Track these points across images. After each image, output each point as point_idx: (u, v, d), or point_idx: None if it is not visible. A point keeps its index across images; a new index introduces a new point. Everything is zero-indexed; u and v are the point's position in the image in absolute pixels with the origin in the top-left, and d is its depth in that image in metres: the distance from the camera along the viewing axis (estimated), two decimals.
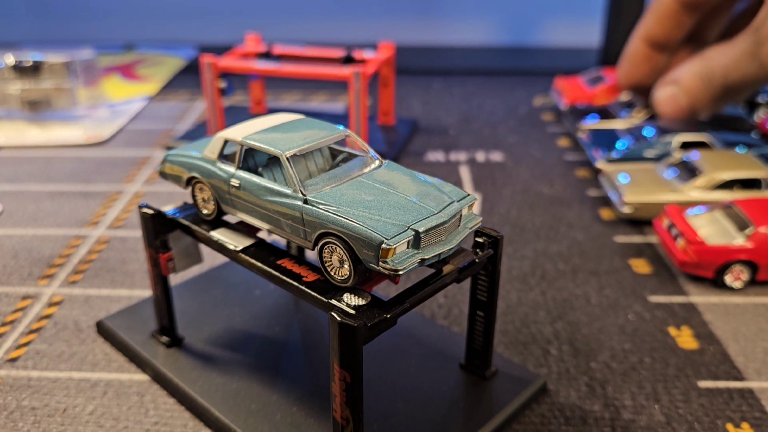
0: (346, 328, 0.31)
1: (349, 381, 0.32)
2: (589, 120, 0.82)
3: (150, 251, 0.42)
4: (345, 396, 0.33)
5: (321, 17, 1.31)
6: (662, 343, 0.48)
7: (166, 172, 0.42)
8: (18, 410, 0.41)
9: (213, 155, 0.39)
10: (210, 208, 0.40)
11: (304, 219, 0.34)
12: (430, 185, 0.36)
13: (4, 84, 0.87)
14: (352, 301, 0.33)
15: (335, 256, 0.34)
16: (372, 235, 0.32)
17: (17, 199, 0.69)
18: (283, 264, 0.36)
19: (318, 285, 0.35)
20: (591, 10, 1.21)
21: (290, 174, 0.35)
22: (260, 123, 0.40)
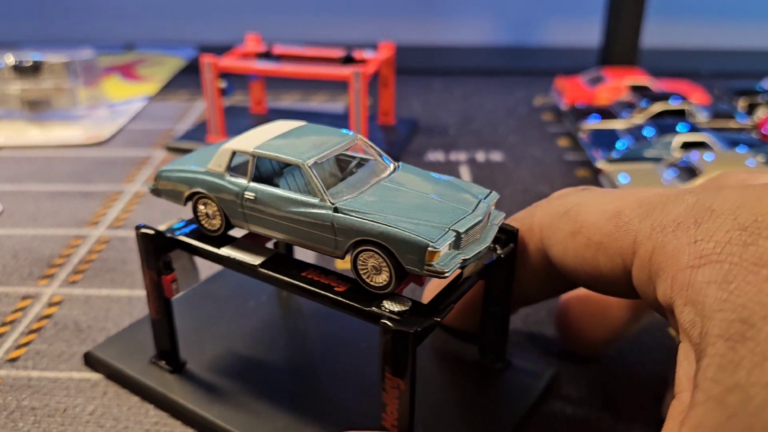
0: (400, 335, 0.31)
1: (402, 388, 0.32)
2: (589, 120, 0.82)
3: (150, 274, 0.40)
4: (398, 404, 0.33)
5: (321, 17, 1.31)
6: (662, 343, 0.48)
7: (160, 189, 0.40)
8: (18, 410, 0.41)
9: (220, 168, 0.37)
10: (216, 224, 0.38)
11: (335, 228, 0.33)
12: (454, 185, 0.37)
13: (4, 84, 0.87)
14: (393, 308, 0.32)
15: (371, 262, 0.33)
16: (417, 240, 0.31)
17: (17, 199, 0.69)
18: (309, 275, 0.35)
19: (352, 294, 0.33)
20: (591, 10, 1.21)
21: (315, 183, 0.34)
22: (264, 132, 0.38)
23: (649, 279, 0.31)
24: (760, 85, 0.92)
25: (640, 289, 0.33)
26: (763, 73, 1.05)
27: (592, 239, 0.35)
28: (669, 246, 0.30)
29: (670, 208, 0.32)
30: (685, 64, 1.17)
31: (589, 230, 0.35)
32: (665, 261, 0.30)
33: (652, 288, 0.32)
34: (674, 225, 0.31)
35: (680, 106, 0.82)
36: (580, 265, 0.36)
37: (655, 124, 0.77)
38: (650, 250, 0.31)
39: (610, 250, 0.34)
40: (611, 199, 0.36)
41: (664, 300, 0.30)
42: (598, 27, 1.13)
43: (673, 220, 0.31)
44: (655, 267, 0.31)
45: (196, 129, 0.86)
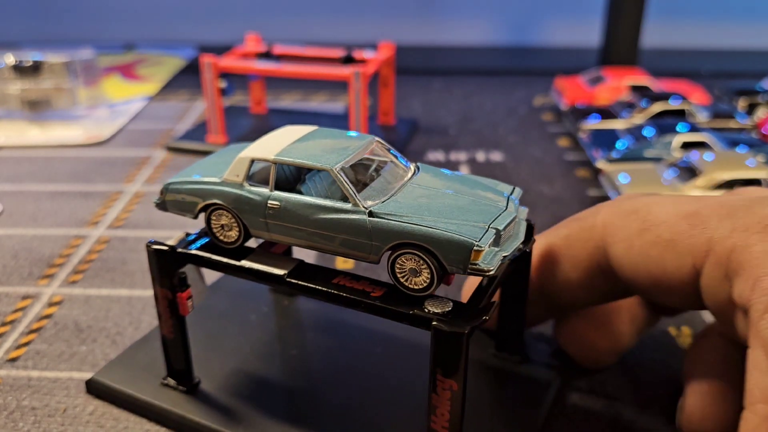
0: (454, 336, 0.31)
1: (455, 389, 0.32)
2: (589, 120, 0.82)
3: (164, 292, 0.38)
4: (450, 406, 0.32)
5: (321, 17, 1.31)
6: (662, 343, 0.48)
7: (167, 203, 0.38)
8: (18, 410, 0.41)
9: (238, 178, 0.36)
10: (232, 236, 0.37)
11: (372, 233, 0.33)
12: (479, 183, 0.37)
13: (4, 84, 0.87)
14: (436, 309, 0.32)
15: (409, 265, 0.32)
16: (461, 240, 0.31)
17: (17, 199, 0.69)
18: (340, 282, 0.34)
19: (390, 299, 0.33)
20: (591, 10, 1.21)
21: (347, 188, 0.33)
22: (278, 138, 0.37)
23: (724, 278, 0.31)
24: (760, 85, 0.92)
25: (708, 290, 0.32)
26: (763, 73, 1.05)
27: (662, 236, 0.34)
28: (756, 247, 0.30)
29: (756, 210, 0.31)
30: (685, 64, 1.17)
31: (659, 228, 0.35)
32: (749, 262, 0.30)
33: (725, 288, 0.31)
34: (761, 227, 0.30)
35: (680, 106, 0.82)
36: (642, 263, 0.35)
37: (655, 124, 0.77)
38: (729, 248, 0.31)
39: (680, 247, 0.34)
40: (687, 200, 0.36)
41: (740, 300, 0.30)
42: (598, 27, 1.13)
43: (760, 221, 0.31)
44: (735, 266, 0.30)
45: (196, 129, 0.86)
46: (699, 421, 0.37)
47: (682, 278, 0.34)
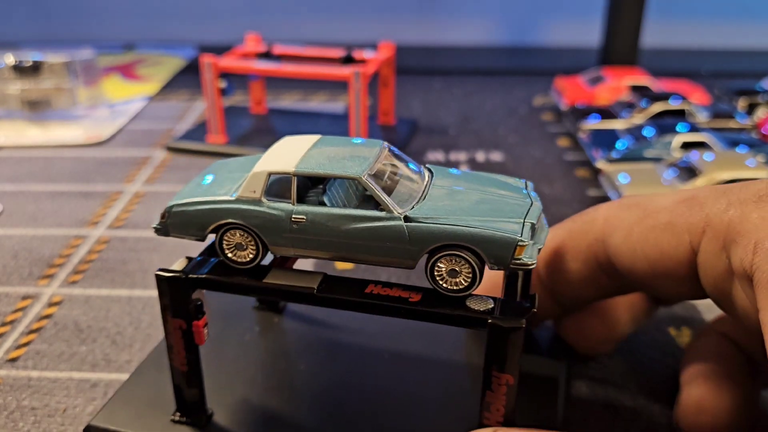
0: (513, 331, 0.31)
1: (511, 383, 0.32)
2: (589, 120, 0.82)
3: (177, 322, 0.36)
4: (506, 400, 0.33)
5: (321, 17, 1.31)
6: (662, 343, 0.48)
7: (169, 226, 0.36)
8: (18, 410, 0.41)
9: (256, 194, 0.34)
10: (248, 255, 0.35)
11: (410, 238, 0.32)
12: (495, 180, 0.37)
13: (4, 84, 0.87)
14: (480, 307, 0.32)
15: (447, 267, 0.33)
16: (504, 237, 0.32)
17: (17, 199, 0.69)
18: (374, 291, 0.34)
19: (431, 302, 0.33)
20: (591, 10, 1.21)
21: (379, 195, 0.33)
22: (288, 150, 0.36)
23: (721, 251, 0.32)
24: (760, 85, 0.92)
25: (706, 265, 0.33)
26: (763, 73, 1.05)
27: (660, 220, 0.36)
28: (751, 216, 0.31)
29: (750, 186, 0.33)
30: (685, 64, 1.17)
31: (659, 214, 0.36)
32: (746, 229, 0.31)
33: (722, 261, 0.32)
34: (756, 198, 0.32)
35: (680, 106, 0.82)
36: (640, 248, 0.36)
37: (655, 124, 0.77)
38: (726, 221, 0.32)
39: (678, 227, 0.35)
40: (685, 189, 0.37)
41: (742, 267, 0.31)
42: (598, 27, 1.13)
43: (754, 193, 0.32)
44: (732, 235, 0.31)
45: (196, 129, 0.86)
46: (694, 415, 0.37)
47: (679, 258, 0.35)
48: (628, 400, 0.42)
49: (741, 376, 0.39)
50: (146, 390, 0.41)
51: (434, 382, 0.42)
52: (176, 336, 0.36)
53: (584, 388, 0.43)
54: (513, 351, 0.32)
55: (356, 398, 0.41)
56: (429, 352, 0.44)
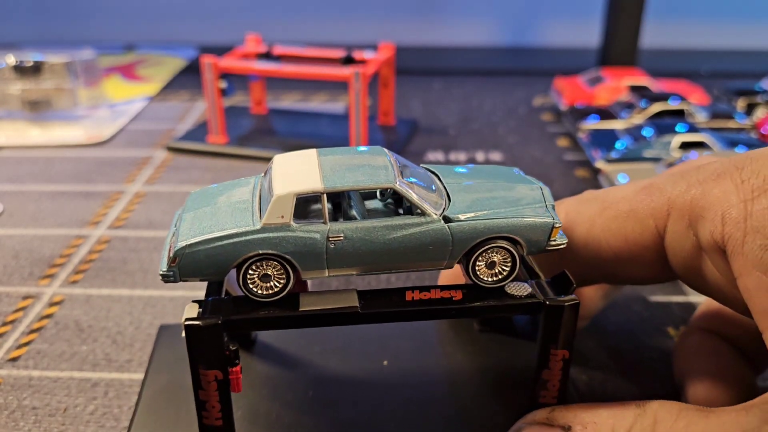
0: (570, 308, 0.33)
1: (567, 357, 0.34)
2: (588, 120, 0.82)
3: (213, 374, 0.32)
4: (561, 375, 0.35)
5: (321, 17, 1.31)
6: (662, 343, 0.48)
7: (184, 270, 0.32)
8: (19, 410, 0.42)
9: (285, 219, 0.32)
10: (275, 285, 0.33)
11: (453, 238, 0.33)
12: (492, 170, 0.38)
13: (5, 84, 0.87)
14: (522, 292, 0.34)
15: (486, 260, 0.33)
16: (541, 221, 0.33)
17: (18, 199, 0.69)
18: (415, 297, 0.34)
19: (475, 297, 0.34)
20: (591, 10, 1.21)
21: (414, 199, 0.33)
22: (296, 168, 0.34)
23: (688, 228, 0.33)
24: (759, 85, 0.92)
25: (674, 245, 0.34)
26: (763, 73, 1.05)
27: (622, 209, 0.37)
28: (713, 191, 0.32)
29: (706, 168, 0.34)
30: (685, 65, 1.17)
31: (618, 204, 0.37)
32: (710, 204, 0.32)
33: (689, 239, 0.33)
34: (714, 176, 0.33)
35: (679, 106, 0.82)
36: (604, 239, 0.37)
37: (654, 124, 0.77)
38: (689, 200, 0.33)
39: (641, 213, 0.36)
40: (641, 180, 0.38)
41: (712, 239, 0.31)
42: (598, 27, 1.13)
43: (712, 172, 0.33)
44: (697, 212, 0.32)
45: (196, 129, 0.86)
46: None
47: (645, 243, 0.36)
48: (628, 400, 0.42)
49: (740, 368, 0.39)
50: None
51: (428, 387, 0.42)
52: (212, 389, 0.33)
53: (583, 387, 0.43)
54: (569, 326, 0.33)
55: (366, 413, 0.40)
56: (424, 351, 0.45)
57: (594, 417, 0.33)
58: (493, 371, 0.43)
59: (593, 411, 0.33)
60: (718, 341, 0.40)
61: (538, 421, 0.35)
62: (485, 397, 0.41)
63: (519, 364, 0.43)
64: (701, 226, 0.32)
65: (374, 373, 0.43)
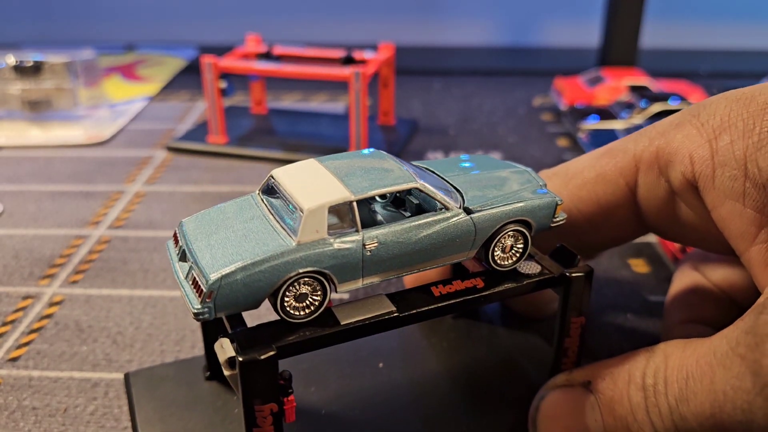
0: (586, 278, 0.35)
1: (584, 323, 0.37)
2: (588, 120, 0.82)
3: (270, 407, 0.31)
4: (579, 341, 0.37)
5: (321, 17, 1.31)
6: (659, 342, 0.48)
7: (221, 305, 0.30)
8: (19, 410, 0.42)
9: (321, 233, 0.31)
10: (311, 304, 0.32)
11: (476, 228, 0.34)
12: (484, 158, 0.40)
13: (5, 84, 0.87)
14: (534, 270, 0.36)
15: (506, 243, 0.35)
16: (548, 201, 0.35)
17: (18, 199, 0.69)
18: (441, 291, 0.34)
19: (496, 281, 0.35)
20: (590, 10, 1.21)
21: (437, 195, 0.33)
22: (309, 180, 0.33)
23: (659, 176, 0.36)
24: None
25: (647, 196, 0.37)
26: (762, 73, 1.05)
27: (587, 177, 0.39)
28: (677, 137, 0.34)
29: (662, 121, 0.37)
30: (684, 65, 1.17)
31: (583, 172, 0.39)
32: (676, 149, 0.34)
33: (662, 186, 0.36)
34: (673, 126, 0.35)
35: (679, 106, 0.82)
36: (576, 207, 0.39)
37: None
38: (654, 151, 0.36)
39: (609, 175, 0.38)
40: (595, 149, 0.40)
41: (683, 180, 0.34)
42: (598, 27, 1.13)
43: (670, 123, 0.36)
44: (665, 158, 0.35)
45: (196, 129, 0.86)
46: None
47: (618, 202, 0.38)
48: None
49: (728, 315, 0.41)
50: None
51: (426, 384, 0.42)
52: (266, 424, 0.31)
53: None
54: (586, 294, 0.36)
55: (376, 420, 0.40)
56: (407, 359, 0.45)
57: (610, 368, 0.34)
58: (483, 360, 0.44)
59: (609, 364, 0.35)
60: (699, 328, 0.41)
61: (559, 385, 0.36)
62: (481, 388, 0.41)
63: (505, 352, 0.44)
64: (671, 171, 0.35)
65: (371, 376, 0.43)
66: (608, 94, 0.91)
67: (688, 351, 0.32)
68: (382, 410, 0.40)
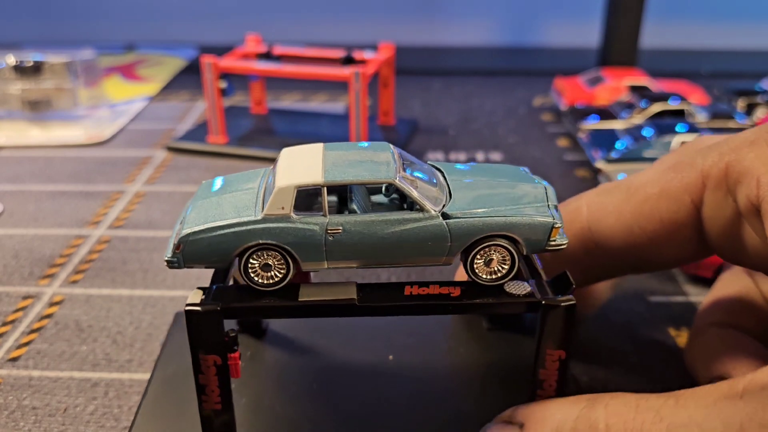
0: (566, 309, 0.33)
1: (564, 358, 0.34)
2: (588, 120, 0.82)
3: (212, 359, 0.33)
4: (558, 374, 0.34)
5: (321, 17, 1.31)
6: (662, 343, 0.48)
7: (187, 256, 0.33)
8: (19, 410, 0.42)
9: (285, 211, 0.33)
10: (275, 275, 0.33)
11: (451, 234, 0.33)
12: (500, 169, 0.38)
13: (5, 84, 0.87)
14: (521, 291, 0.34)
15: (485, 258, 0.33)
16: (541, 221, 0.33)
17: (18, 199, 0.69)
18: (413, 292, 0.34)
19: (473, 294, 0.34)
20: (591, 10, 1.21)
21: (414, 195, 0.33)
22: (300, 161, 0.35)
23: (726, 195, 0.33)
24: (759, 85, 0.92)
25: (712, 215, 0.34)
26: (763, 73, 1.05)
27: (651, 192, 0.36)
28: (748, 156, 0.32)
29: (737, 136, 0.34)
30: (685, 65, 1.17)
31: (645, 187, 0.36)
32: (746, 168, 0.32)
33: (729, 206, 0.33)
34: (747, 143, 0.33)
35: (679, 106, 0.82)
36: (637, 224, 0.36)
37: (655, 124, 0.77)
38: (724, 168, 0.33)
39: (673, 191, 0.35)
40: (662, 161, 0.38)
41: (748, 201, 0.32)
42: (598, 27, 1.13)
43: (744, 140, 0.33)
44: (734, 177, 0.33)
45: (196, 129, 0.86)
46: None
47: (682, 221, 0.35)
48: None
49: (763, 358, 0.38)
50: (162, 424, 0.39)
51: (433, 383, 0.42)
52: (211, 373, 0.34)
53: (584, 388, 0.43)
54: (568, 327, 0.33)
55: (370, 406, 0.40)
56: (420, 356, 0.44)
57: (545, 412, 0.33)
58: (498, 369, 0.43)
59: (546, 406, 0.33)
60: (736, 334, 0.40)
61: (503, 419, 0.35)
62: (489, 394, 0.41)
63: (525, 363, 0.43)
64: (739, 191, 0.32)
65: (379, 368, 0.43)
66: (608, 94, 0.91)
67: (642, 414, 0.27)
68: (366, 400, 0.41)
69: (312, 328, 0.46)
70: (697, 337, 0.42)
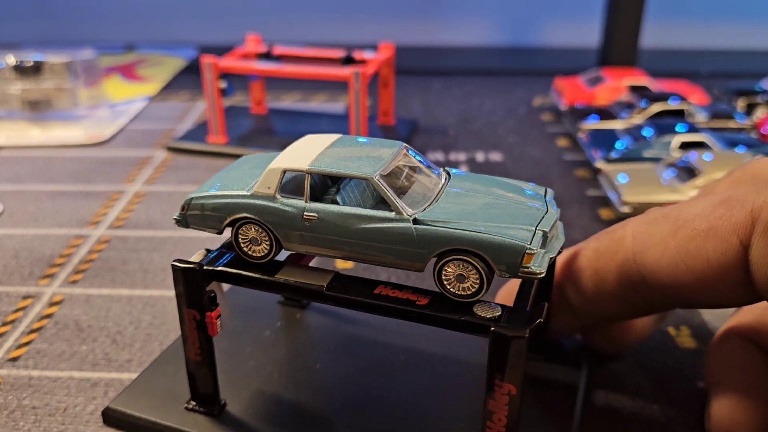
0: (516, 340, 0.31)
1: (514, 393, 0.32)
2: (588, 120, 0.82)
3: (192, 312, 0.37)
4: (508, 410, 0.32)
5: (321, 17, 1.31)
6: (661, 343, 0.48)
7: (188, 218, 0.37)
8: (19, 409, 0.42)
9: (270, 190, 0.35)
10: (262, 250, 0.36)
11: (418, 241, 0.32)
12: (514, 186, 0.37)
13: (5, 84, 0.87)
14: (487, 314, 0.32)
15: (455, 271, 0.32)
16: (513, 244, 0.31)
17: (18, 199, 0.69)
18: (383, 292, 0.34)
19: (438, 306, 0.33)
20: (590, 10, 1.21)
21: (389, 196, 0.33)
22: (306, 148, 0.36)
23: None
24: (759, 85, 0.92)
25: (760, 259, 0.31)
26: (762, 73, 1.05)
27: (699, 228, 0.33)
28: None
29: None
30: (685, 65, 1.17)
31: (694, 221, 0.33)
32: None
33: None
34: None
35: (679, 106, 0.82)
36: (682, 261, 0.33)
37: (654, 124, 0.77)
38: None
39: (722, 230, 0.32)
40: (715, 194, 0.35)
41: None
42: (598, 27, 1.13)
43: None
44: None
45: (196, 129, 0.86)
46: (728, 427, 0.36)
47: (728, 262, 0.32)
48: (627, 401, 0.42)
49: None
50: (164, 379, 0.42)
51: (449, 382, 0.42)
52: (190, 327, 0.37)
53: (585, 389, 0.43)
54: (516, 360, 0.31)
55: (368, 396, 0.41)
56: (447, 353, 0.44)
57: None
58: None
59: None
60: (756, 353, 0.38)
61: None
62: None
63: (542, 375, 0.43)
64: None
65: (388, 364, 0.43)
66: (608, 94, 0.91)
67: None
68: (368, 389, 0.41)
69: (343, 321, 0.48)
70: (720, 341, 0.41)
